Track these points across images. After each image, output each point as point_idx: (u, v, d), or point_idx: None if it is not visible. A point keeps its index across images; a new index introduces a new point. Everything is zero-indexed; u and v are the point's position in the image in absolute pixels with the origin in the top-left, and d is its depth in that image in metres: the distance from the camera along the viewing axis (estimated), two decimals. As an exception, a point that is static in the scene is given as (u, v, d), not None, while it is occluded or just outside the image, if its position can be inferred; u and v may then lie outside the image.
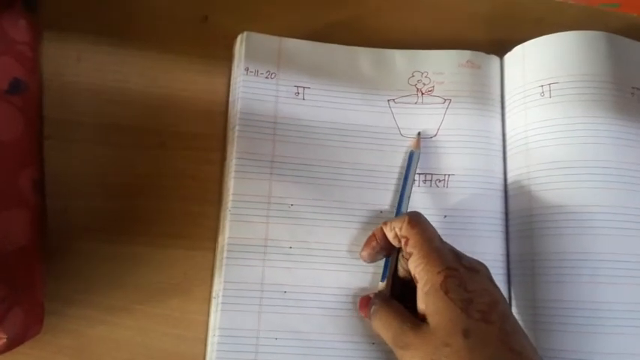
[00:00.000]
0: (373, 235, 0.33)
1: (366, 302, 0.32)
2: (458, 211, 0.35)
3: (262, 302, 0.33)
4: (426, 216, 0.32)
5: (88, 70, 0.37)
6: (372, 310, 0.31)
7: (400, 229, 0.31)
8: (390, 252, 0.33)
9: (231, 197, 0.34)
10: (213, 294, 0.34)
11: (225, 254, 0.33)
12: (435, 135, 0.36)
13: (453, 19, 0.41)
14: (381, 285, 0.33)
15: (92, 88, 0.37)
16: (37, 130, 0.35)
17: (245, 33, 0.37)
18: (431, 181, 0.35)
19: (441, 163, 0.35)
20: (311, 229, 0.34)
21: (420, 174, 0.35)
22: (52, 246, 0.34)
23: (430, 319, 0.27)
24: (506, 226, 0.35)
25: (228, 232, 0.33)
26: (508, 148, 0.36)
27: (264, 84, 0.36)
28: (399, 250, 0.32)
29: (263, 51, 0.36)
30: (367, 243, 0.33)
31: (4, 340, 0.29)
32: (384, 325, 0.29)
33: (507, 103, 0.37)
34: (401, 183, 0.35)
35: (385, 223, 0.32)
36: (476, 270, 0.29)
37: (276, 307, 0.33)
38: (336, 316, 0.33)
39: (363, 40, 0.38)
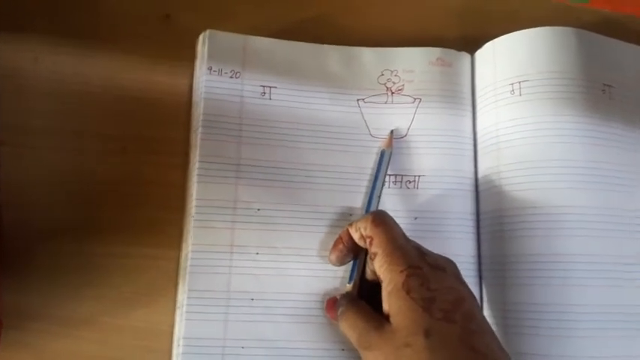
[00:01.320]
0: (340, 237, 0.32)
1: (332, 304, 0.31)
2: (428, 212, 0.34)
3: (228, 310, 0.32)
4: (396, 218, 0.31)
5: (45, 72, 0.36)
6: (339, 311, 0.30)
7: (365, 228, 0.30)
8: (358, 254, 0.32)
9: (194, 202, 0.33)
10: (178, 303, 0.33)
11: (189, 262, 0.32)
12: (405, 135, 0.35)
13: (424, 15, 0.40)
14: (349, 287, 0.32)
15: (50, 91, 0.35)
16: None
17: (208, 31, 0.35)
18: (401, 182, 0.34)
19: (411, 164, 0.35)
20: (279, 234, 0.33)
21: (390, 175, 0.34)
22: (8, 258, 0.33)
23: (393, 319, 0.27)
24: (478, 227, 0.35)
25: (191, 239, 0.32)
26: (479, 147, 0.35)
27: (229, 84, 0.35)
28: (367, 251, 0.31)
29: (227, 50, 0.35)
30: (334, 246, 0.33)
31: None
32: (350, 326, 0.29)
33: (478, 101, 0.36)
34: (371, 183, 0.34)
35: (351, 224, 0.32)
36: (441, 268, 0.28)
37: (243, 315, 0.32)
38: (305, 322, 0.32)
39: (332, 38, 0.37)
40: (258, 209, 0.33)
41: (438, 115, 0.35)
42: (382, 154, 0.34)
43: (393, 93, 0.36)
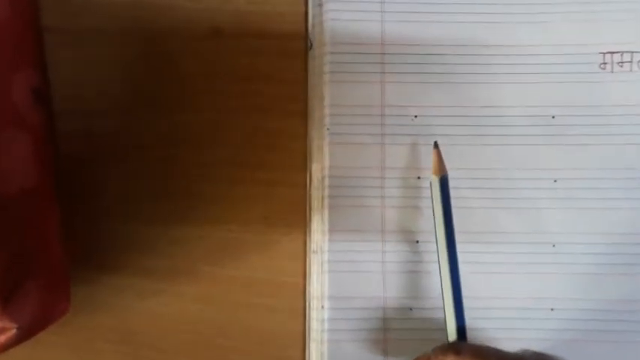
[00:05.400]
0: None
1: None
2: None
3: (385, 258, 0.23)
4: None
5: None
6: None
7: None
8: None
9: (327, 110, 0.24)
10: (313, 246, 0.24)
11: (326, 191, 0.24)
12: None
13: None
14: None
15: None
16: (30, 15, 0.24)
17: None
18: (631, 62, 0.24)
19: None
20: (448, 149, 0.23)
21: (614, 53, 0.24)
22: (71, 187, 0.24)
23: None
24: None
25: (327, 160, 0.24)
26: None
27: None
28: None
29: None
30: None
31: (14, 330, 0.20)
32: None
33: None
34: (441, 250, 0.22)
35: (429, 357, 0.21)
36: None
37: (405, 264, 0.23)
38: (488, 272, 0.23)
39: None
40: (415, 116, 0.24)
41: None
42: (443, 183, 0.22)
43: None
